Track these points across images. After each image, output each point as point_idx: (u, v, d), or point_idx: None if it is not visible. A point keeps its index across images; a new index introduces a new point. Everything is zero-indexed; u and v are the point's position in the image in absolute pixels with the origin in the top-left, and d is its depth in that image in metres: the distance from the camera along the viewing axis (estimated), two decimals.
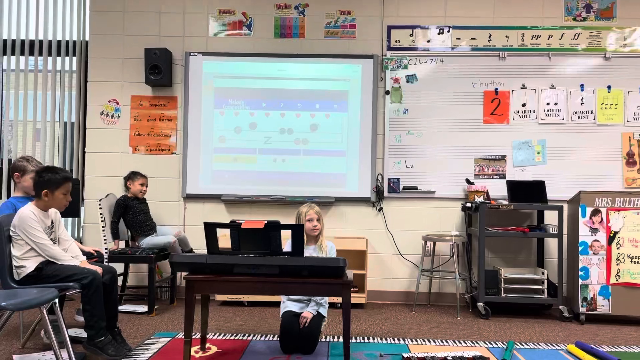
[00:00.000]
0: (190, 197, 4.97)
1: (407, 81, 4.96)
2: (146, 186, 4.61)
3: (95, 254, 3.49)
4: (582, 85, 4.90)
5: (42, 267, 2.96)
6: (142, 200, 4.61)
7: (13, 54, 5.30)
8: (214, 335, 3.58)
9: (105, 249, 4.19)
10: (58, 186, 3.01)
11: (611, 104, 4.88)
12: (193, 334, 3.00)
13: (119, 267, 4.21)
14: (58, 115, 5.29)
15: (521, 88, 4.92)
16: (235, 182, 4.95)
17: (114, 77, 5.04)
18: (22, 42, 5.30)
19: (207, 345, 3.34)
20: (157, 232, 4.57)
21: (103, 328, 2.95)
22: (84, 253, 3.32)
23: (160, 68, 4.84)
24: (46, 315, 2.68)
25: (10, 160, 5.29)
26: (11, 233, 2.96)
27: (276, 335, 3.53)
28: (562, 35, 4.94)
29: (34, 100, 5.27)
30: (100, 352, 2.92)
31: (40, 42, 5.30)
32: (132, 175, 4.58)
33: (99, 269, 3.02)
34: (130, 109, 5.03)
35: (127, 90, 5.04)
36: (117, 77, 5.04)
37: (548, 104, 4.91)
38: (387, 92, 4.96)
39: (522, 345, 3.52)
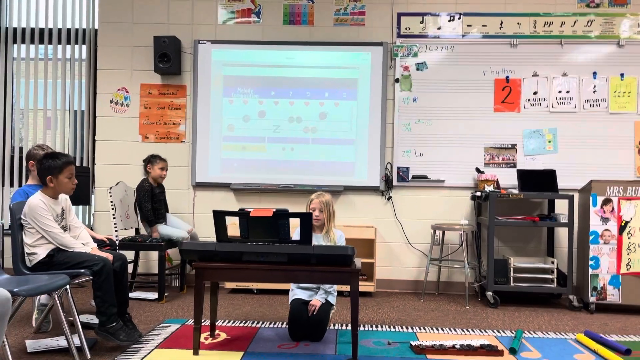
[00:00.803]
0: (199, 186, 4.99)
1: (417, 69, 4.92)
2: (166, 170, 4.56)
3: (108, 242, 3.53)
4: (594, 73, 4.83)
5: (54, 254, 2.99)
6: (160, 186, 4.58)
7: (23, 42, 5.32)
8: (223, 322, 3.61)
9: (116, 236, 4.23)
10: (60, 171, 3.02)
11: (624, 92, 4.81)
12: (202, 320, 3.04)
13: (130, 255, 4.25)
14: (68, 104, 5.31)
15: (532, 76, 4.86)
16: (244, 171, 4.96)
17: (123, 65, 5.05)
18: (32, 30, 5.32)
19: (217, 332, 3.37)
20: (167, 221, 4.58)
21: (114, 314, 2.98)
22: (96, 241, 3.35)
23: (169, 56, 4.83)
24: (57, 301, 2.72)
25: (21, 148, 5.34)
26: (22, 221, 2.99)
27: (285, 323, 3.55)
28: (574, 22, 4.86)
29: (44, 88, 5.30)
30: (111, 338, 2.95)
31: (50, 30, 5.32)
32: (152, 159, 4.51)
33: (109, 256, 3.05)
34: (139, 97, 5.04)
35: (136, 78, 5.05)
36: (127, 65, 5.05)
37: (560, 92, 4.85)
38: (397, 80, 4.92)
39: (531, 334, 3.51)
